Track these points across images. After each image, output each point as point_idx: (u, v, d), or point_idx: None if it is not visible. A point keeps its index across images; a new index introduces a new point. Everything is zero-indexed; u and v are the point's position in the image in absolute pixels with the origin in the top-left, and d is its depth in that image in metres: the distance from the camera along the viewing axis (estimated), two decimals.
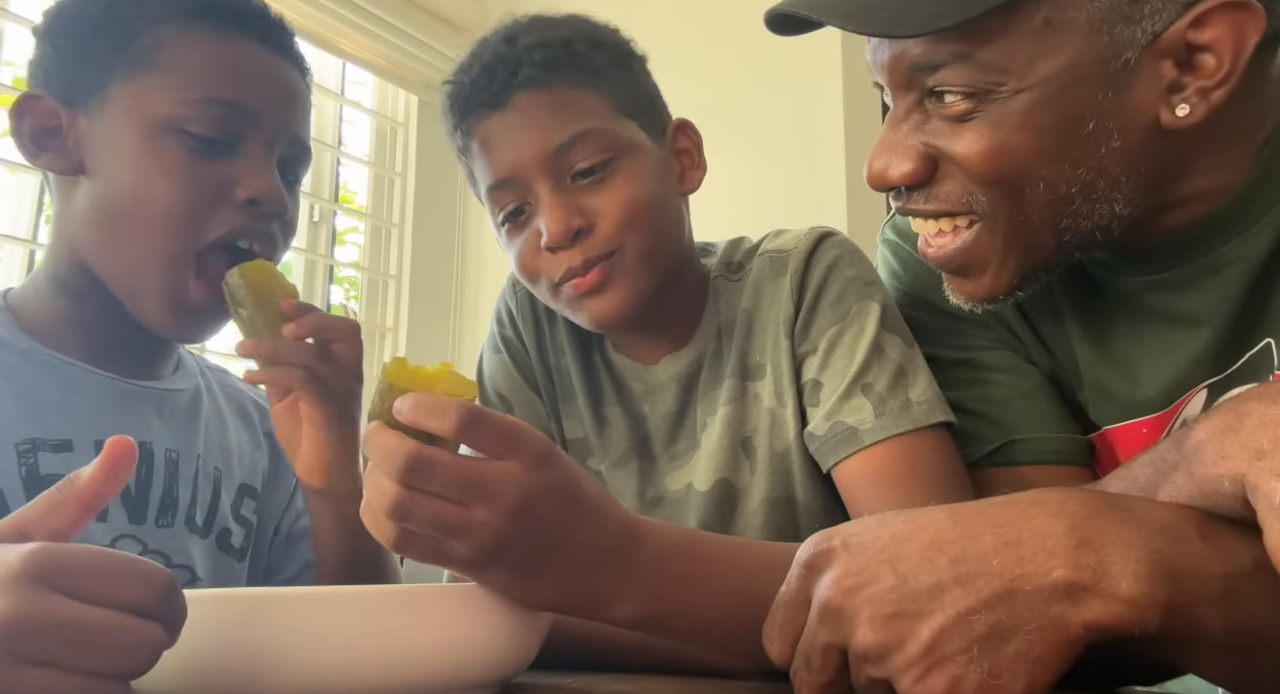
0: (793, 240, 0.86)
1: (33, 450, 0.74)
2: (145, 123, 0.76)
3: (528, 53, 0.81)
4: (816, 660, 0.48)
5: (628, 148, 0.82)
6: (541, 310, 0.92)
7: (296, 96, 0.84)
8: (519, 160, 0.80)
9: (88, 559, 0.43)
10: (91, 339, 0.81)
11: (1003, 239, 0.67)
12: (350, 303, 2.33)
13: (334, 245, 2.20)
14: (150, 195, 0.76)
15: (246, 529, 0.89)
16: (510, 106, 0.81)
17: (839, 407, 0.78)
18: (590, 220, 0.80)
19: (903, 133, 0.68)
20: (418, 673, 0.51)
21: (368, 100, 2.31)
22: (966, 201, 0.67)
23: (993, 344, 0.81)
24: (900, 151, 0.68)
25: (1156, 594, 0.42)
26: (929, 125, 0.67)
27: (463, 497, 0.51)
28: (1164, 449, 0.49)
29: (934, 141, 0.67)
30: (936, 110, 0.66)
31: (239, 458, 0.90)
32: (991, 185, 0.65)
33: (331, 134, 2.19)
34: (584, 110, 0.81)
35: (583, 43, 0.83)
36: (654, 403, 0.89)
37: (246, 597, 0.52)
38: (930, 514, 0.47)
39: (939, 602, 0.43)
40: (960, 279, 0.71)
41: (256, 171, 0.78)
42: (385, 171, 2.29)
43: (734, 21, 2.00)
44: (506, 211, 0.83)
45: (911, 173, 0.68)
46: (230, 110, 0.78)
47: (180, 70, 0.77)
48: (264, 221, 0.79)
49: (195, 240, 0.77)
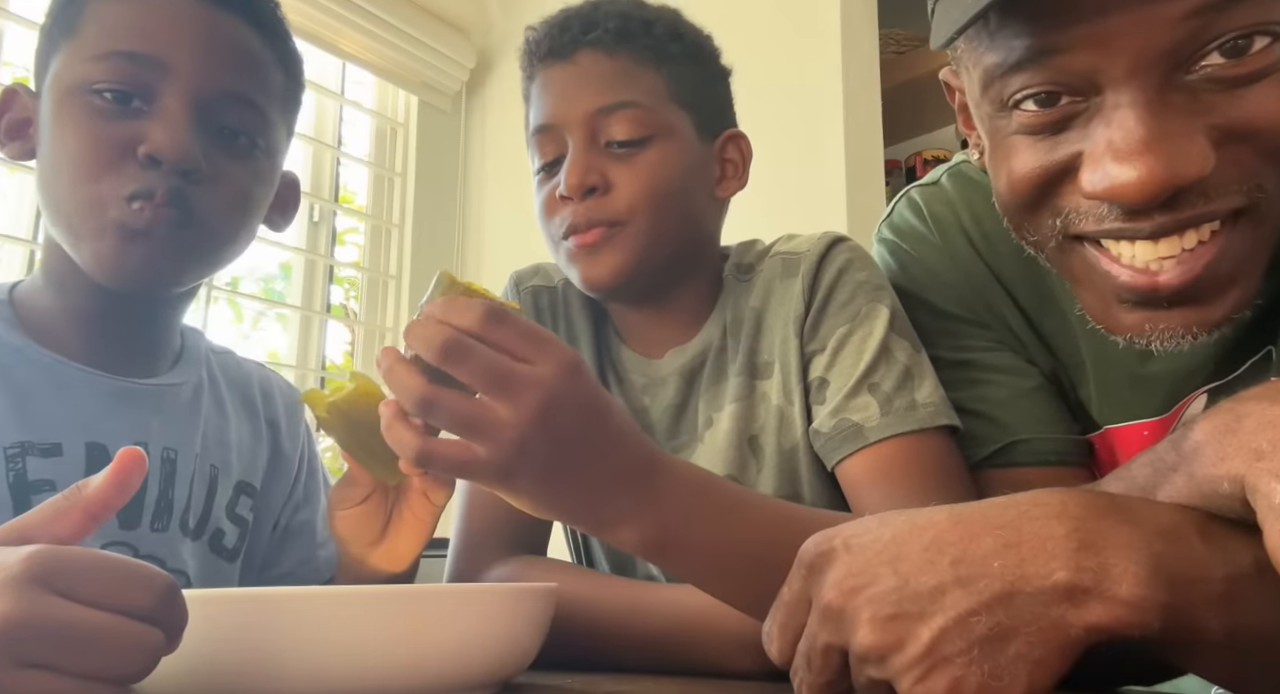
0: (805, 243, 0.87)
1: (21, 454, 0.72)
2: (61, 89, 0.75)
3: (605, 18, 0.84)
4: (817, 661, 0.48)
5: (667, 132, 0.83)
6: (546, 308, 0.93)
7: (230, 49, 0.78)
8: (563, 111, 0.83)
9: (89, 562, 0.43)
10: (86, 333, 0.79)
11: (1270, 230, 0.57)
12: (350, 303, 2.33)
13: (334, 245, 2.20)
14: (61, 156, 0.75)
15: (241, 528, 0.87)
16: (573, 61, 0.84)
17: (845, 404, 0.78)
18: (607, 185, 0.81)
19: (1171, 118, 0.54)
20: (417, 673, 0.51)
21: (368, 100, 2.31)
22: (1249, 190, 0.55)
23: (993, 345, 0.80)
24: (1184, 142, 0.53)
25: (1157, 596, 0.42)
26: (1199, 104, 0.54)
27: (490, 389, 0.52)
28: (1163, 450, 0.49)
29: (1214, 120, 0.54)
30: (1214, 77, 0.54)
31: (238, 454, 0.88)
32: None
33: (331, 134, 2.19)
34: (638, 84, 0.83)
35: (662, 27, 0.86)
36: (655, 395, 0.89)
37: (246, 597, 0.52)
38: (931, 515, 0.47)
39: (940, 603, 0.43)
40: (1190, 307, 0.58)
41: (162, 127, 0.73)
42: (385, 171, 2.29)
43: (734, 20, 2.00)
44: (545, 161, 0.85)
45: (1208, 163, 0.54)
46: (131, 61, 0.74)
47: (92, 30, 0.76)
48: (168, 179, 0.73)
49: (106, 199, 0.73)
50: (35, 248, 1.61)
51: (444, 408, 0.53)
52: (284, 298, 2.17)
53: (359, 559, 0.76)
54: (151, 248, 0.74)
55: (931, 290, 0.80)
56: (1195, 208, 0.55)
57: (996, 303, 0.80)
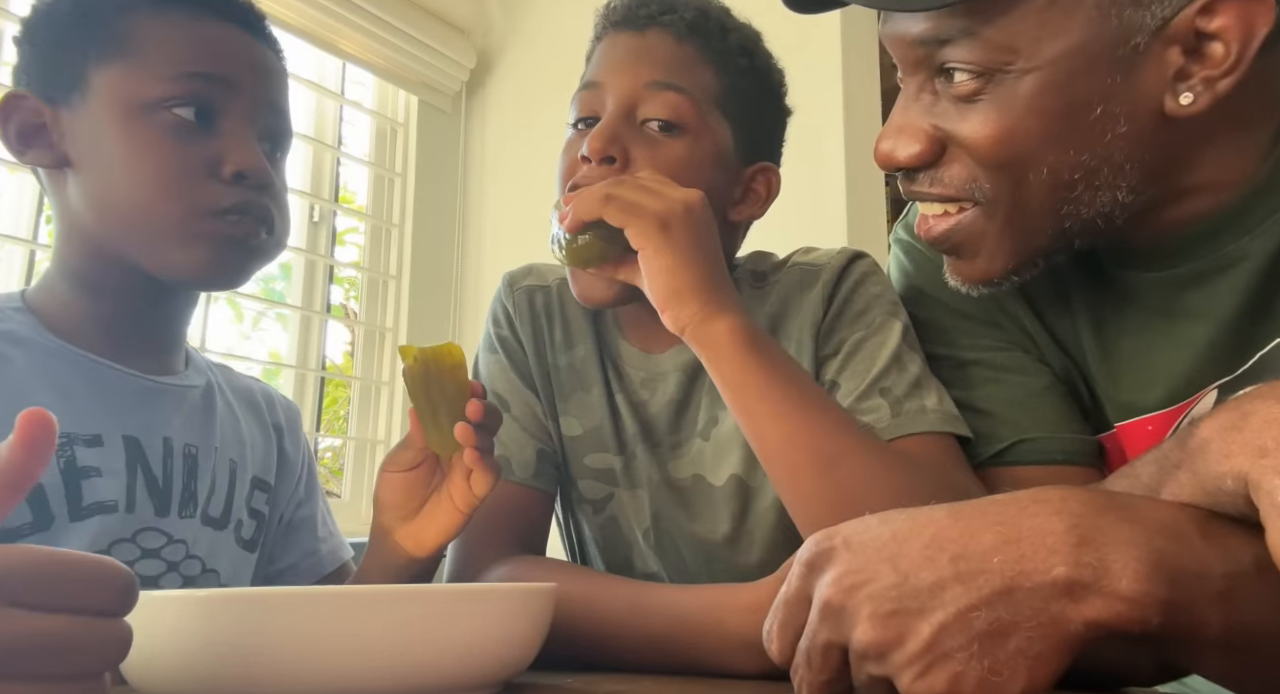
0: (825, 256, 0.88)
1: (69, 444, 0.76)
2: (126, 106, 0.78)
3: (685, 7, 0.86)
4: (817, 659, 0.48)
5: (703, 132, 0.83)
6: (540, 309, 0.93)
7: (272, 70, 0.86)
8: (613, 75, 0.84)
9: (42, 566, 0.40)
10: (113, 334, 0.82)
11: (1000, 225, 0.68)
12: (350, 303, 2.34)
13: (334, 245, 2.20)
14: (138, 176, 0.78)
15: (258, 521, 0.91)
16: (641, 34, 0.85)
17: (856, 406, 0.78)
18: (627, 162, 0.82)
19: (912, 114, 0.68)
20: (418, 673, 0.51)
21: (368, 100, 2.31)
22: (969, 188, 0.67)
23: (1005, 344, 0.81)
24: (909, 132, 0.68)
25: (1157, 592, 0.42)
26: (938, 107, 0.67)
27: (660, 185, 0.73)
28: (1168, 447, 0.49)
29: (942, 123, 0.67)
30: (946, 91, 0.66)
31: (251, 451, 0.92)
32: (996, 169, 0.66)
33: (331, 134, 2.19)
34: (693, 76, 0.84)
35: (737, 38, 0.87)
36: (654, 390, 0.89)
37: (246, 597, 0.52)
38: (931, 512, 0.47)
39: (939, 599, 0.43)
40: (955, 260, 0.73)
41: (239, 146, 0.80)
42: (385, 172, 2.29)
43: None
44: (580, 115, 0.86)
45: (919, 154, 0.68)
46: (207, 82, 0.80)
47: (154, 51, 0.80)
48: (253, 195, 0.81)
49: (190, 214, 0.79)
50: (35, 248, 1.61)
51: (630, 180, 0.74)
52: (284, 298, 2.18)
53: (387, 529, 0.78)
54: (245, 256, 0.82)
55: (945, 290, 0.80)
56: (925, 187, 0.70)
57: (1009, 302, 0.80)
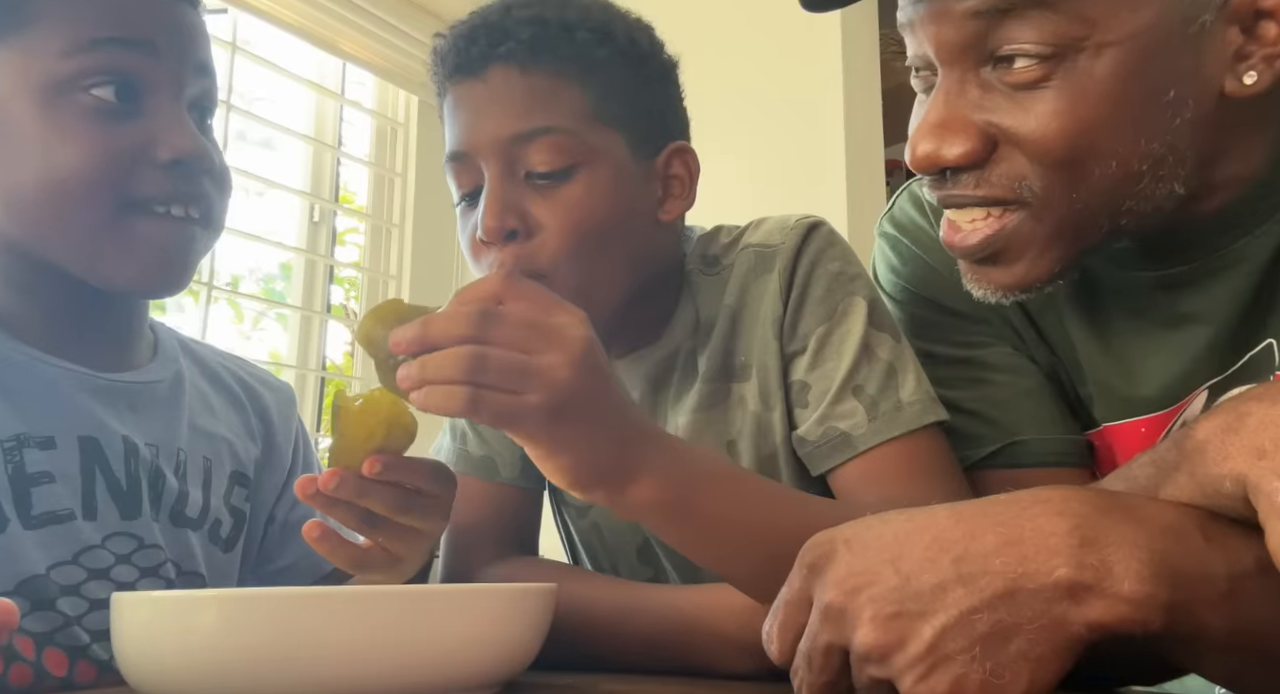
0: (778, 234, 0.82)
1: (18, 447, 0.71)
2: (35, 89, 0.69)
3: (517, 27, 0.74)
4: (818, 660, 0.48)
5: (594, 157, 0.75)
6: None
7: (194, 25, 0.75)
8: (475, 138, 0.75)
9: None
10: (57, 332, 0.76)
11: (1051, 226, 0.62)
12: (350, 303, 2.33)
13: (334, 245, 2.20)
14: (56, 173, 0.68)
15: (237, 519, 0.86)
16: (483, 78, 0.75)
17: (830, 411, 0.75)
18: (529, 228, 0.73)
19: (958, 108, 0.61)
20: (418, 673, 0.51)
21: (368, 100, 2.31)
22: (1018, 188, 0.61)
23: (993, 340, 0.79)
24: (955, 129, 0.61)
25: (1159, 594, 0.42)
26: (988, 100, 0.61)
27: (533, 341, 0.55)
28: (1164, 449, 0.49)
29: (995, 118, 0.60)
30: (1000, 80, 0.60)
31: (228, 444, 0.86)
32: (1055, 166, 0.60)
33: (331, 134, 2.19)
34: (558, 105, 0.74)
35: (587, 31, 0.76)
36: None
37: (245, 597, 0.52)
38: (932, 513, 0.47)
39: (941, 601, 0.43)
40: (988, 267, 0.66)
41: (171, 127, 0.70)
42: (385, 171, 2.29)
43: (735, 22, 2.00)
44: (464, 192, 0.78)
45: (969, 152, 0.61)
46: (124, 49, 0.69)
47: (57, 17, 0.69)
48: (193, 182, 0.72)
49: (119, 212, 0.70)
50: None
51: (493, 363, 0.54)
52: (284, 298, 2.17)
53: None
54: (184, 257, 0.73)
55: (932, 285, 0.80)
56: (968, 190, 0.63)
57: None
